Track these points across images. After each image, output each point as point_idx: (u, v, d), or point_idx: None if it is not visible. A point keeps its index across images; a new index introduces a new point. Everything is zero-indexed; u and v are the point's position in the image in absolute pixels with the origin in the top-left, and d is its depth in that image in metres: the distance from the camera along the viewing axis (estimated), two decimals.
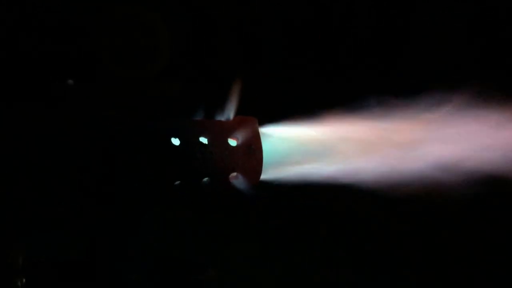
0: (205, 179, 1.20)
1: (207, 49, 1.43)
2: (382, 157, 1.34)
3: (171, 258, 1.30)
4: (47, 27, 1.32)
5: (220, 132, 1.22)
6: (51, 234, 1.21)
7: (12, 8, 1.30)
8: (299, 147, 1.32)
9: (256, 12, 1.46)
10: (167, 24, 1.39)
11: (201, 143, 1.20)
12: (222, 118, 1.27)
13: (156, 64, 1.32)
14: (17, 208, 1.13)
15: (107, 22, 1.34)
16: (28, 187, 1.11)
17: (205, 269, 1.33)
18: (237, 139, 1.24)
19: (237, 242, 1.38)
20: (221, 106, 1.27)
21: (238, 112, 1.28)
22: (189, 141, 1.18)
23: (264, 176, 1.27)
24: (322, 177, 1.32)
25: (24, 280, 1.11)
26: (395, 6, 1.51)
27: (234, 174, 1.23)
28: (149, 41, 1.38)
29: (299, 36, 1.49)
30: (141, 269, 1.27)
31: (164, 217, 1.25)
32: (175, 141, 1.17)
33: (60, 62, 1.31)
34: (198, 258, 1.31)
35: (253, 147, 1.25)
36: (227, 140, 1.23)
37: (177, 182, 1.17)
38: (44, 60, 1.32)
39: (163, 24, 1.38)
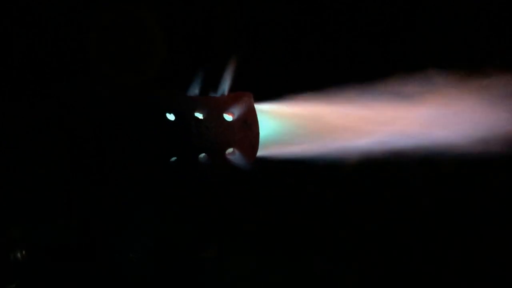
0: (202, 155, 1.19)
1: (204, 47, 1.43)
2: (372, 134, 1.35)
3: (170, 237, 1.29)
4: (38, 27, 1.31)
5: (216, 108, 1.21)
6: (49, 216, 1.20)
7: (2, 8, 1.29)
8: (293, 124, 1.32)
9: None
10: (163, 25, 1.38)
11: (197, 118, 1.18)
12: (217, 94, 1.26)
13: (151, 66, 1.31)
14: (15, 189, 1.12)
15: (100, 24, 1.33)
16: (24, 168, 1.10)
17: (204, 247, 1.32)
18: (232, 114, 1.23)
19: (234, 223, 1.37)
20: (216, 83, 1.26)
21: (233, 89, 1.27)
22: (184, 116, 1.16)
23: (260, 152, 1.27)
24: (316, 153, 1.31)
25: (24, 252, 1.10)
26: None
27: (231, 150, 1.22)
28: (143, 42, 1.37)
29: (295, 16, 1.49)
30: (139, 249, 1.26)
31: (162, 195, 1.24)
32: (170, 117, 1.16)
33: (51, 64, 1.30)
34: (197, 236, 1.30)
35: (249, 121, 1.24)
36: (222, 115, 1.22)
37: (173, 159, 1.16)
38: (34, 61, 1.30)
39: (158, 25, 1.37)
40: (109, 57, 1.35)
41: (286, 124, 1.32)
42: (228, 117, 1.23)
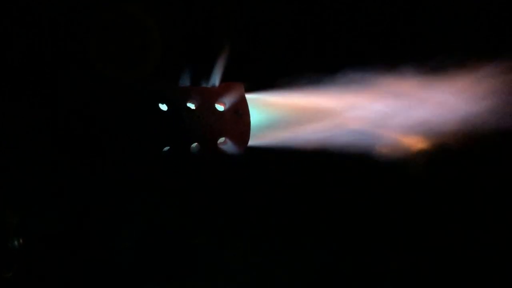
0: (194, 144, 1.21)
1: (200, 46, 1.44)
2: (360, 122, 1.37)
3: (162, 224, 1.31)
4: (35, 26, 1.32)
5: (207, 98, 1.23)
6: (44, 205, 1.22)
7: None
8: (284, 113, 1.34)
9: None
10: (159, 23, 1.39)
11: (189, 108, 1.21)
12: (208, 85, 1.28)
13: (147, 65, 1.32)
14: (9, 178, 1.14)
15: (96, 22, 1.34)
16: (18, 157, 1.12)
17: (195, 235, 1.34)
18: (224, 104, 1.26)
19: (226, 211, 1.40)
20: (207, 73, 1.28)
21: (224, 80, 1.29)
22: (176, 106, 1.19)
23: (252, 141, 1.29)
24: (307, 141, 1.34)
25: (21, 240, 1.12)
26: None
27: (223, 139, 1.25)
28: (139, 41, 1.38)
29: (285, 6, 1.50)
30: (132, 236, 1.28)
31: (155, 184, 1.26)
32: (163, 107, 1.18)
33: (48, 62, 1.31)
34: (188, 224, 1.33)
35: (240, 111, 1.26)
36: (214, 105, 1.24)
37: (166, 148, 1.18)
38: (31, 60, 1.32)
39: (154, 23, 1.38)
40: (106, 55, 1.37)
41: (277, 113, 1.35)
42: (219, 107, 1.25)
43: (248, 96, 1.29)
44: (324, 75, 1.38)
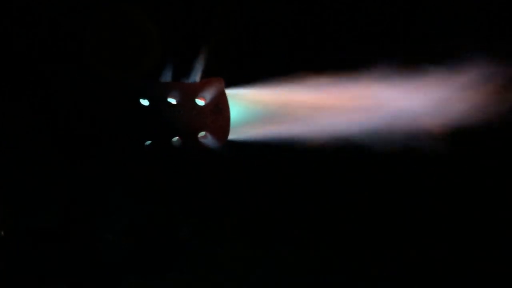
0: (175, 138, 1.24)
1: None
2: (339, 118, 1.41)
3: (146, 217, 1.34)
4: (34, 26, 1.34)
5: (188, 93, 1.26)
6: (28, 200, 1.24)
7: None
8: (263, 109, 1.37)
9: None
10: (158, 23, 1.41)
11: (170, 103, 1.24)
12: (189, 80, 1.31)
13: (145, 65, 1.35)
14: None
15: (95, 22, 1.36)
16: (4, 153, 1.14)
17: (180, 228, 1.37)
18: (204, 99, 1.29)
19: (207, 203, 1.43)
20: (188, 69, 1.31)
21: (204, 75, 1.32)
22: (157, 101, 1.22)
23: (232, 136, 1.32)
24: (285, 137, 1.37)
25: (2, 232, 1.14)
26: None
27: (203, 133, 1.28)
28: (138, 41, 1.40)
29: (265, 2, 1.53)
30: (116, 230, 1.31)
31: (137, 177, 1.29)
32: (144, 102, 1.21)
33: (47, 61, 1.33)
34: (172, 217, 1.36)
35: (220, 106, 1.29)
36: (194, 100, 1.27)
37: (148, 142, 1.21)
38: (30, 59, 1.33)
39: (153, 23, 1.40)
40: (105, 55, 1.38)
41: (256, 109, 1.38)
42: (200, 102, 1.28)
43: (228, 92, 1.33)
44: (305, 71, 1.41)
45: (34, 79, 1.16)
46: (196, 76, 1.32)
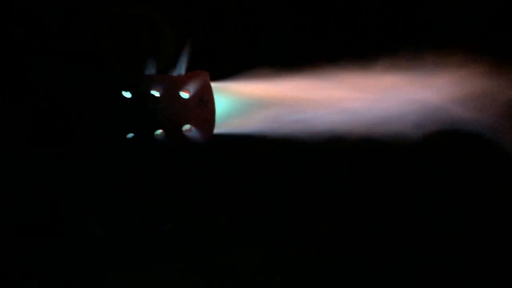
0: (158, 131, 1.23)
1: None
2: (324, 111, 1.40)
3: (130, 211, 1.33)
4: (45, 25, 1.33)
5: (172, 86, 1.25)
6: (13, 194, 1.23)
7: (10, 5, 1.30)
8: (248, 102, 1.36)
9: None
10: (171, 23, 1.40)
11: (153, 95, 1.22)
12: (174, 73, 1.30)
13: (158, 63, 1.33)
14: None
15: (107, 21, 1.35)
16: None
17: (164, 221, 1.36)
18: (189, 92, 1.27)
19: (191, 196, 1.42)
20: (173, 62, 1.30)
21: (190, 68, 1.31)
22: (140, 93, 1.20)
23: (217, 129, 1.31)
24: (270, 131, 1.36)
25: None
26: None
27: (188, 127, 1.26)
28: (151, 40, 1.39)
29: None
30: (101, 223, 1.29)
31: (120, 171, 1.28)
32: (127, 94, 1.19)
33: (58, 61, 1.32)
34: (157, 211, 1.35)
35: (205, 99, 1.28)
36: (178, 93, 1.25)
37: (131, 135, 1.20)
38: (40, 57, 1.32)
39: (166, 23, 1.39)
40: (116, 54, 1.37)
41: (242, 102, 1.37)
42: (184, 94, 1.27)
43: (213, 85, 1.31)
44: (289, 64, 1.40)
45: (13, 71, 1.15)
46: (181, 69, 1.30)
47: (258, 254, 1.46)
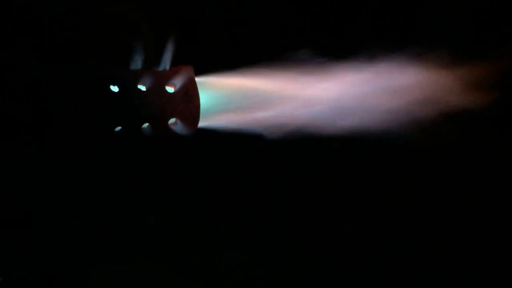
0: (145, 124, 1.25)
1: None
2: (311, 107, 1.43)
3: (112, 204, 1.35)
4: (30, 22, 1.33)
5: (158, 80, 1.27)
6: None
7: None
8: (232, 96, 1.39)
9: None
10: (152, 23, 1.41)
11: (139, 90, 1.25)
12: (159, 68, 1.32)
13: (143, 59, 1.34)
14: None
15: (92, 18, 1.36)
16: None
17: (145, 214, 1.38)
18: (174, 86, 1.30)
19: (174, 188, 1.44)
20: (157, 58, 1.32)
21: (174, 63, 1.34)
22: (127, 88, 1.23)
23: (202, 123, 1.34)
24: (255, 125, 1.39)
25: None
26: None
27: (173, 120, 1.29)
28: (135, 35, 1.40)
29: None
30: (82, 215, 1.31)
31: (106, 164, 1.30)
32: (114, 88, 1.22)
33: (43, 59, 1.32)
34: (138, 203, 1.37)
35: (190, 93, 1.31)
36: (164, 87, 1.28)
37: (118, 128, 1.22)
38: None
39: (150, 18, 1.40)
40: (101, 50, 1.38)
41: (226, 96, 1.40)
42: (170, 89, 1.29)
43: (198, 79, 1.34)
44: (275, 59, 1.43)
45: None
46: (166, 64, 1.33)
47: (247, 252, 1.49)
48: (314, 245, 1.54)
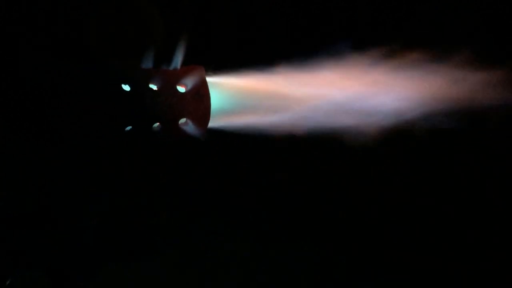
0: (156, 124, 1.25)
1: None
2: (322, 108, 1.42)
3: (126, 203, 1.34)
4: (38, 18, 1.32)
5: (169, 80, 1.27)
6: (5, 185, 1.23)
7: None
8: (244, 96, 1.39)
9: None
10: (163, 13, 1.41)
11: (151, 89, 1.24)
12: (169, 68, 1.32)
13: (153, 58, 1.34)
14: None
15: (101, 14, 1.35)
16: None
17: (157, 213, 1.38)
18: (185, 86, 1.29)
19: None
20: (168, 57, 1.31)
21: (185, 63, 1.33)
22: (139, 87, 1.22)
23: (212, 124, 1.33)
24: (264, 127, 1.39)
25: None
26: None
27: (184, 120, 1.28)
28: (146, 34, 1.39)
29: None
30: (92, 214, 1.31)
31: (118, 163, 1.29)
32: (126, 87, 1.21)
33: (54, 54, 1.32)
34: (151, 202, 1.36)
35: (201, 93, 1.30)
36: (175, 87, 1.27)
37: (129, 128, 1.21)
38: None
39: (158, 13, 1.40)
40: (111, 48, 1.37)
41: (237, 97, 1.39)
42: (181, 88, 1.29)
43: (209, 80, 1.33)
44: (286, 59, 1.42)
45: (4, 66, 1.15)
46: (176, 64, 1.32)
47: (250, 248, 1.49)
48: (313, 243, 1.54)
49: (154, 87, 1.25)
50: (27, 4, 1.35)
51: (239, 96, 1.39)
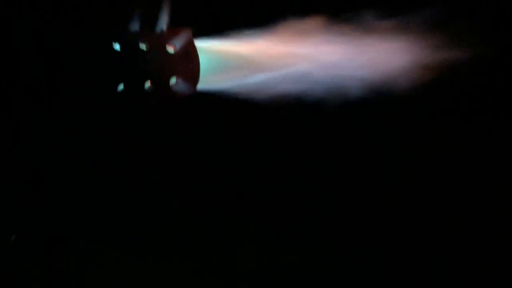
0: (147, 86, 1.27)
1: None
2: (300, 69, 1.45)
3: (118, 166, 1.36)
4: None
5: (159, 40, 1.30)
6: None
7: None
8: (230, 59, 1.41)
9: None
10: None
11: (141, 49, 1.27)
12: (156, 31, 1.34)
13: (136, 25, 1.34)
14: None
15: None
16: None
17: (150, 175, 1.40)
18: (174, 47, 1.32)
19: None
20: (154, 20, 1.34)
21: (170, 26, 1.36)
22: (129, 46, 1.25)
23: (200, 85, 1.36)
24: (253, 87, 1.42)
25: None
26: None
27: (174, 80, 1.31)
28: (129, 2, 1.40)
29: None
30: (89, 177, 1.32)
31: (110, 125, 1.31)
32: (116, 47, 1.24)
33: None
34: (144, 165, 1.38)
35: (190, 53, 1.33)
36: (165, 47, 1.30)
37: (121, 87, 1.24)
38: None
39: None
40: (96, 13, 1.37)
41: (223, 59, 1.42)
42: (170, 49, 1.32)
43: (195, 42, 1.36)
44: (271, 22, 1.45)
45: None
46: (162, 26, 1.35)
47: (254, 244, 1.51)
48: (313, 242, 1.56)
49: (143, 47, 1.28)
50: None
51: (226, 58, 1.42)
